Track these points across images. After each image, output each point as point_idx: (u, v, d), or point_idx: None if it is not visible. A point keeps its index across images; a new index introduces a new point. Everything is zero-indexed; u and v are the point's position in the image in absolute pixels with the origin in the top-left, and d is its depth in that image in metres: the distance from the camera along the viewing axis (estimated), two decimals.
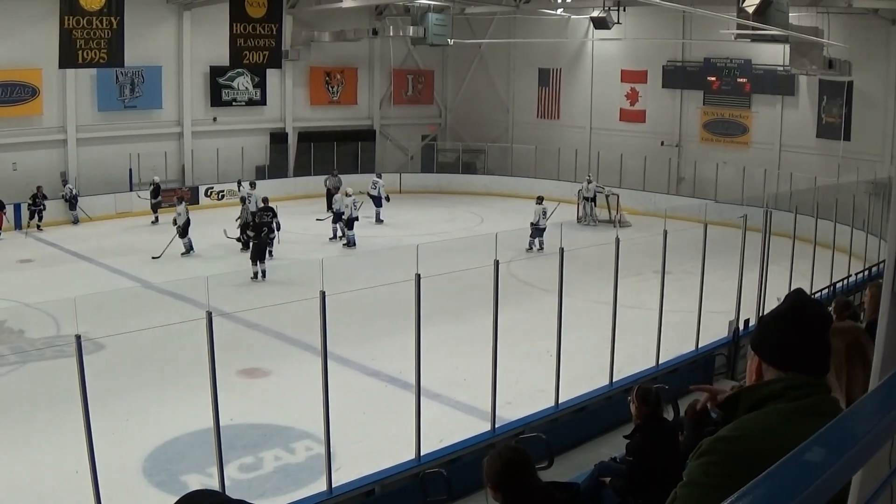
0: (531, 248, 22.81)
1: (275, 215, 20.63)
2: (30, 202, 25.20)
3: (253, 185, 26.07)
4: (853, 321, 4.81)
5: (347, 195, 23.81)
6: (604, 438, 10.50)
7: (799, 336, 2.19)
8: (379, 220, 27.22)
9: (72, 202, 26.46)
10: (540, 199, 23.72)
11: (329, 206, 26.82)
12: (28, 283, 19.18)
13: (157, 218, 26.34)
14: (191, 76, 30.10)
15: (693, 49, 30.33)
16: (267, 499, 9.58)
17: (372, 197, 27.48)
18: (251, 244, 20.34)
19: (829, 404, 2.13)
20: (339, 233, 24.30)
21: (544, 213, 23.26)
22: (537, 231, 22.92)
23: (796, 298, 2.31)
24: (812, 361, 2.19)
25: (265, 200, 21.55)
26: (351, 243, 23.55)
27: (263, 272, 19.74)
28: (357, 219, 23.94)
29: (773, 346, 2.21)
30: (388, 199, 27.26)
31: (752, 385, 2.21)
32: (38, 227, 25.15)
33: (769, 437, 1.99)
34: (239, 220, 22.19)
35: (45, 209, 25.43)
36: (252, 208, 21.80)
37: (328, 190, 28.20)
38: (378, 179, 27.85)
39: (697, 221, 14.69)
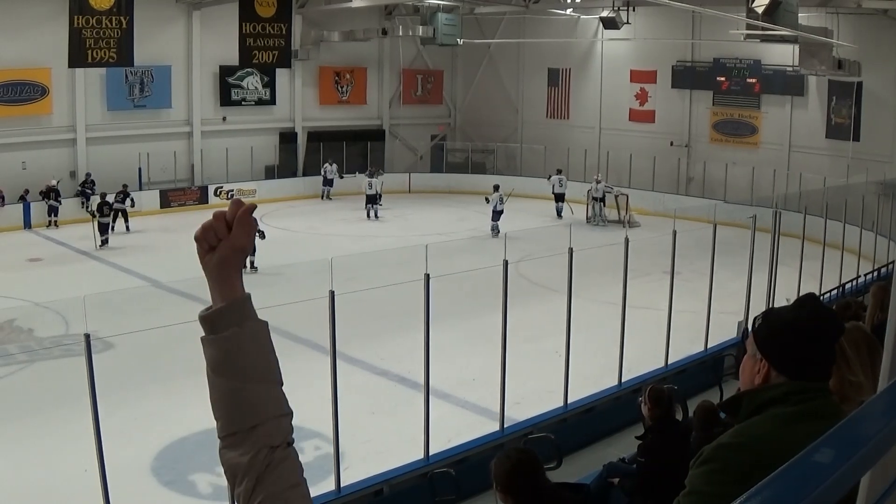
0: (494, 233, 24.79)
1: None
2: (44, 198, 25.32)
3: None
4: (855, 321, 4.78)
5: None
6: (613, 439, 10.48)
7: (819, 350, 2.19)
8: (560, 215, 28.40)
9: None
10: (496, 187, 25.86)
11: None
12: (37, 281, 19.24)
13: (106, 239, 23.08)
14: (200, 76, 30.15)
15: (702, 49, 30.26)
16: None
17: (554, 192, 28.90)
18: None
19: (831, 407, 2.13)
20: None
21: (501, 199, 25.37)
22: (496, 215, 25.24)
23: (815, 309, 2.26)
24: (823, 370, 2.20)
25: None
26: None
27: (252, 262, 20.23)
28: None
29: (792, 358, 2.18)
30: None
31: (755, 388, 2.20)
32: (55, 223, 25.20)
33: (771, 442, 1.99)
34: None
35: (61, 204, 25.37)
36: None
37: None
38: (560, 175, 29.23)
39: (706, 222, 14.66)
